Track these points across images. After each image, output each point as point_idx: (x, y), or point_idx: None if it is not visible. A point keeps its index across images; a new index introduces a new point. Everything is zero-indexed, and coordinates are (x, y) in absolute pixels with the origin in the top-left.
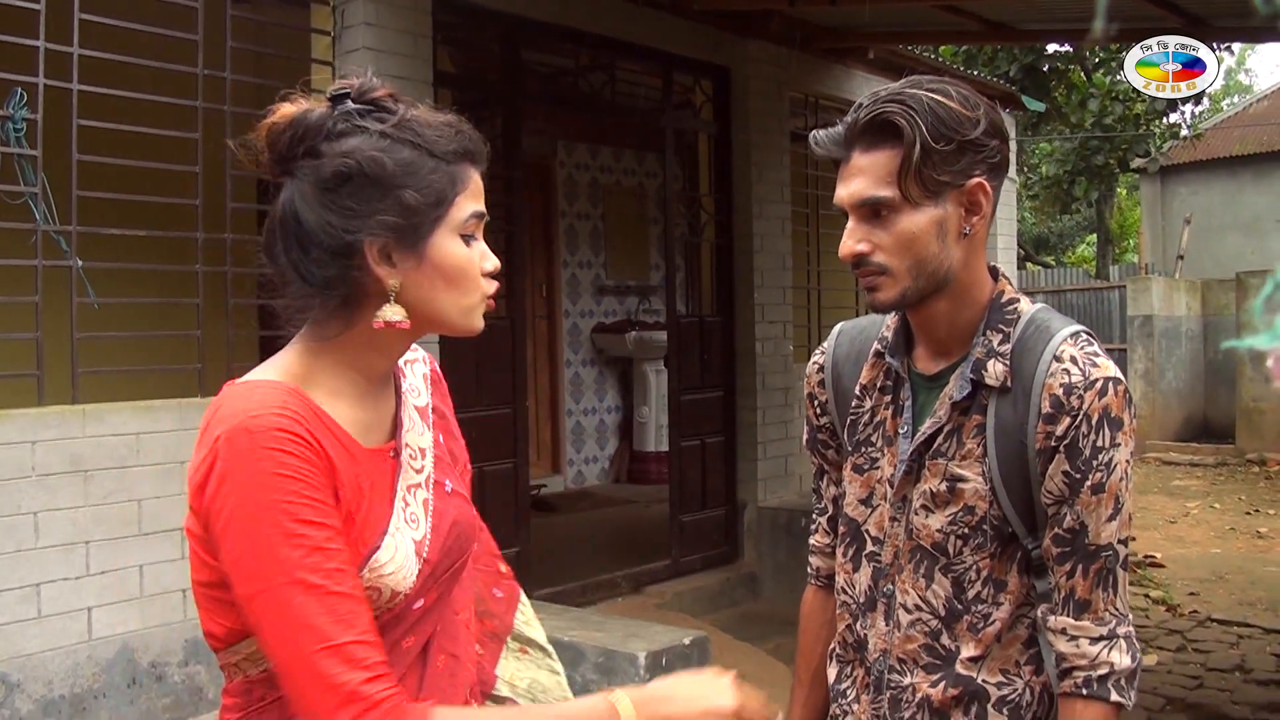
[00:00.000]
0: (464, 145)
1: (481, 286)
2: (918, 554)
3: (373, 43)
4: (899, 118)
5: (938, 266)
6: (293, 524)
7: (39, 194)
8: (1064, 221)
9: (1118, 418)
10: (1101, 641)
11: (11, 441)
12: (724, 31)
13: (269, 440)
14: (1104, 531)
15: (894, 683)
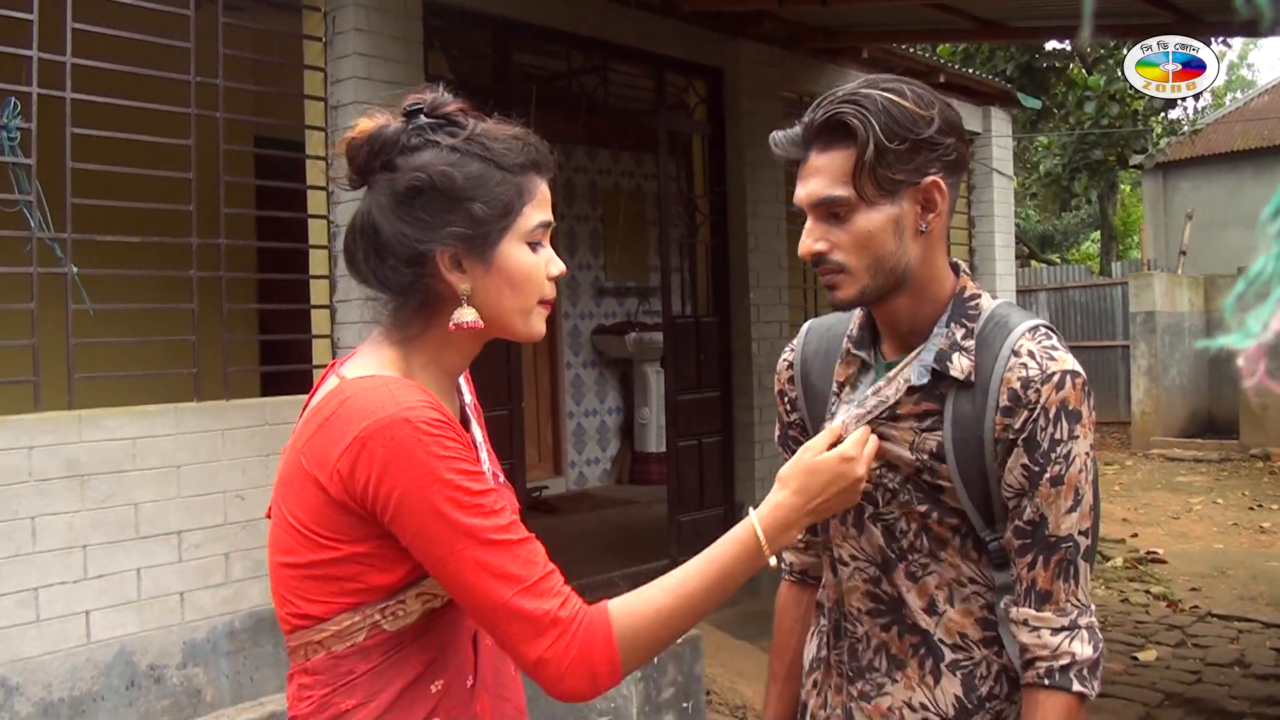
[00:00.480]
0: (531, 157)
1: (544, 292)
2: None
3: (364, 48)
4: (852, 118)
5: (895, 264)
6: (465, 496)
7: (33, 202)
8: (1068, 219)
9: (1076, 410)
10: (1063, 632)
11: (8, 447)
12: (715, 32)
13: (428, 428)
14: (1064, 523)
15: (849, 630)
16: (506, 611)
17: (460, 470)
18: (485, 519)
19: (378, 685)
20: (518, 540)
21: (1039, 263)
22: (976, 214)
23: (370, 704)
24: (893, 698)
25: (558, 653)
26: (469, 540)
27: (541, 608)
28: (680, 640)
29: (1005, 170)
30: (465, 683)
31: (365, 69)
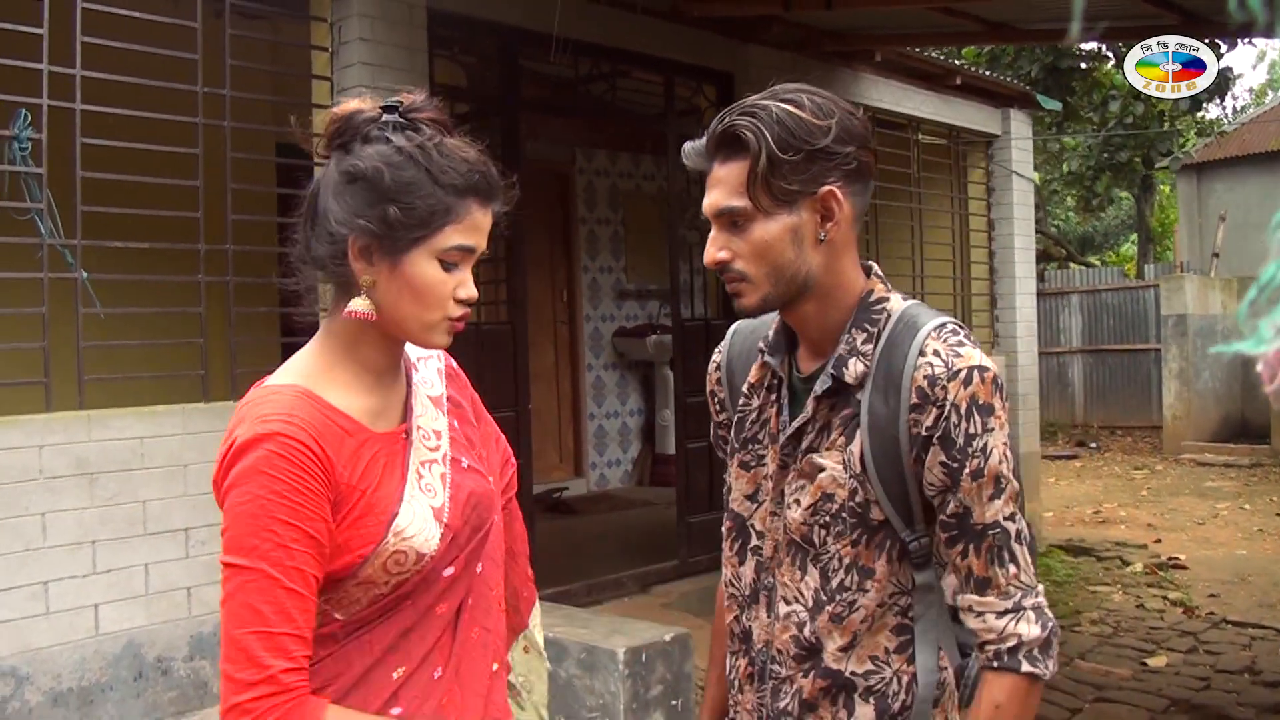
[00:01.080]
0: (472, 182)
1: (446, 309)
2: (793, 548)
3: (369, 58)
4: (746, 130)
5: (795, 272)
6: (267, 519)
7: (44, 210)
8: (1107, 220)
9: (987, 404)
10: (1008, 615)
11: (19, 446)
12: (725, 37)
13: (270, 444)
14: (987, 511)
15: (774, 673)
16: (234, 645)
17: (276, 494)
18: (272, 550)
19: (336, 669)
20: (288, 588)
21: (1077, 265)
22: (996, 216)
23: (329, 687)
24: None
25: (256, 709)
26: (246, 560)
27: (266, 659)
28: (669, 638)
29: (1025, 172)
30: (432, 673)
31: (370, 78)
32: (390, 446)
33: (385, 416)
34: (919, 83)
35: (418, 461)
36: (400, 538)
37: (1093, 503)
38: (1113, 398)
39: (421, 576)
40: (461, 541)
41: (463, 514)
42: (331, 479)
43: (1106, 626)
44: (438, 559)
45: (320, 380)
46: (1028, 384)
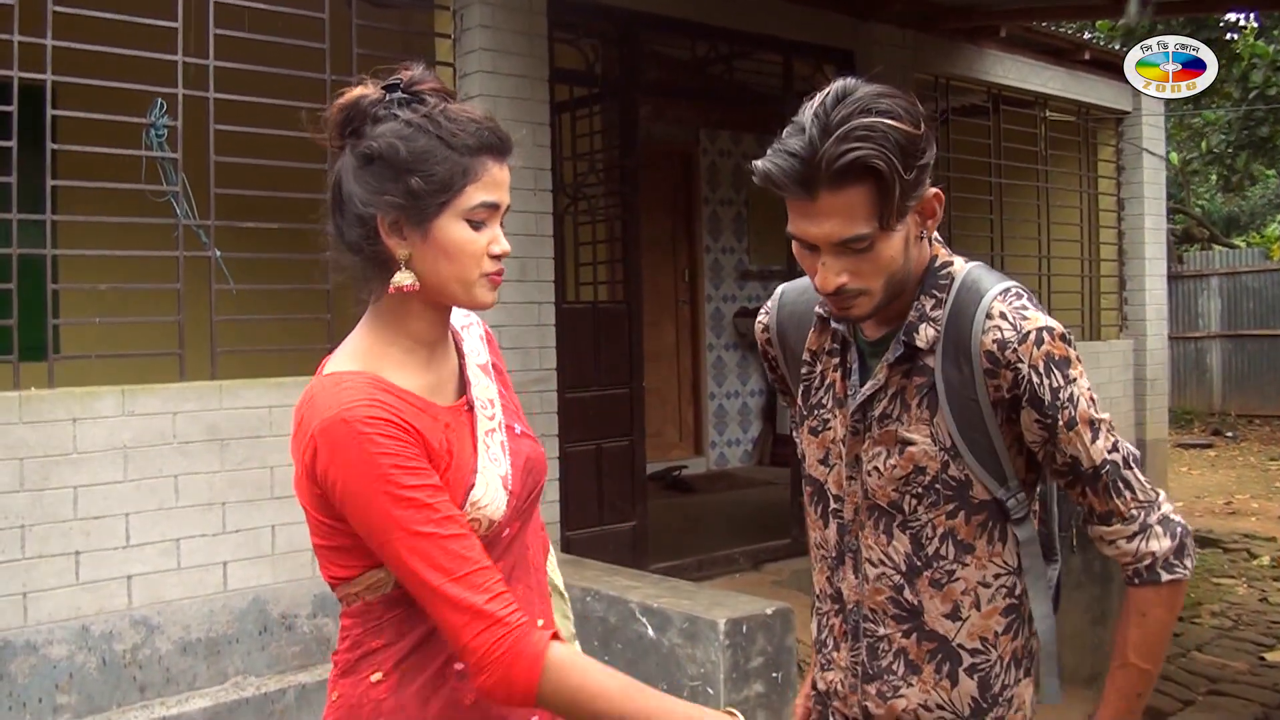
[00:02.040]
0: (484, 140)
1: (483, 266)
2: (875, 512)
3: (489, 44)
4: (876, 160)
5: (905, 275)
6: (398, 490)
7: (180, 192)
8: (1254, 199)
9: (1063, 358)
10: (1137, 536)
11: (155, 412)
12: (845, 15)
13: (363, 426)
14: (1094, 453)
15: (869, 631)
16: (435, 597)
17: (394, 465)
18: (416, 511)
19: (404, 629)
20: (448, 535)
21: (1220, 246)
22: (1126, 195)
23: (397, 644)
24: (908, 700)
25: (481, 644)
26: (400, 531)
27: (468, 599)
28: (770, 611)
29: (1156, 150)
30: None
31: (490, 63)
32: (457, 419)
33: (444, 390)
34: (1047, 58)
35: (483, 431)
36: (476, 507)
37: (1224, 493)
38: (1252, 385)
39: (487, 540)
40: (521, 506)
41: (522, 480)
42: (427, 445)
43: (1227, 619)
44: (503, 523)
45: (378, 363)
46: (1156, 369)
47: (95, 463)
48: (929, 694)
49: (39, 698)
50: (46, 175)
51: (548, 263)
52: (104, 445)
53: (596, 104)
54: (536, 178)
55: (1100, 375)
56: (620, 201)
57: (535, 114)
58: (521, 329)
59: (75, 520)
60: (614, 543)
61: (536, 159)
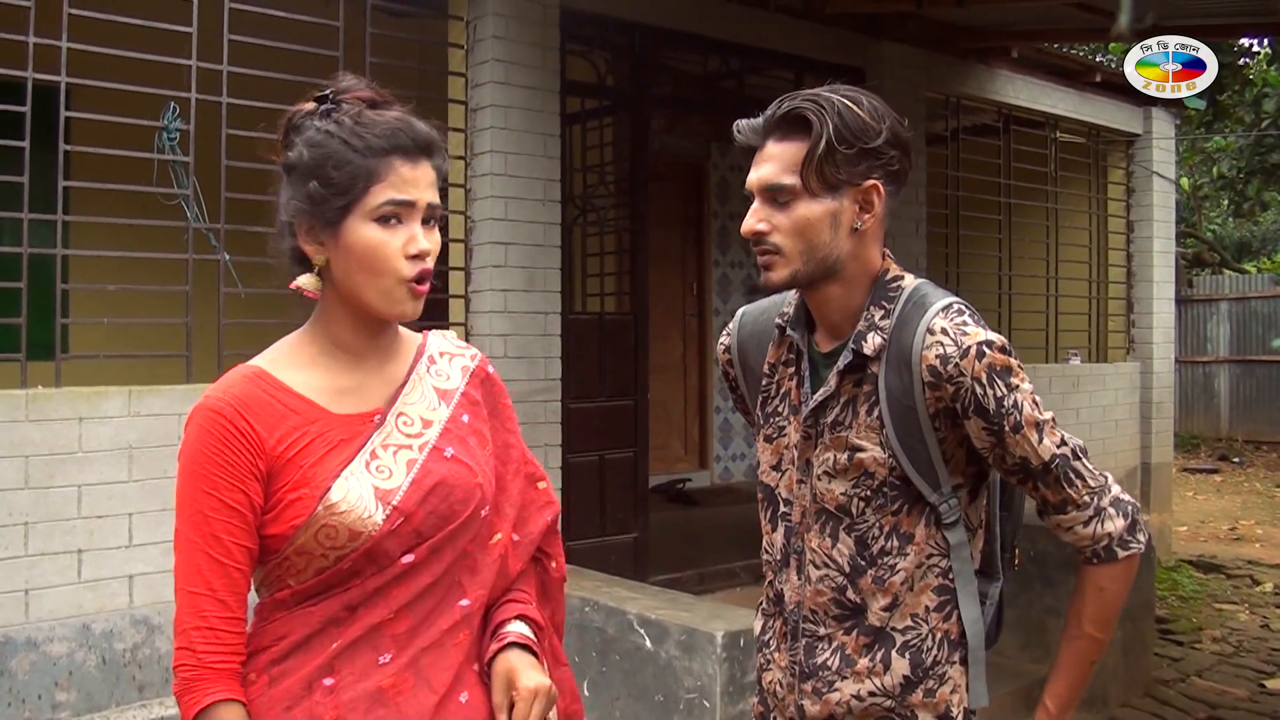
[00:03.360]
0: (392, 140)
1: (398, 270)
2: (822, 515)
3: (502, 55)
4: (811, 114)
5: (827, 254)
6: (191, 489)
7: (191, 196)
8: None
9: (1004, 368)
10: (1092, 521)
11: (161, 413)
12: (858, 34)
13: (199, 419)
14: (1042, 451)
15: (809, 631)
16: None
17: (203, 467)
18: (191, 519)
19: (280, 632)
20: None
21: (1230, 271)
22: (1135, 218)
23: (271, 648)
24: (841, 693)
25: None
26: (179, 525)
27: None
28: None
29: (1166, 174)
30: (377, 656)
31: (503, 74)
32: (348, 427)
33: (358, 397)
34: (1057, 80)
35: (378, 443)
36: (331, 512)
37: (1229, 519)
38: (1260, 411)
39: (365, 555)
40: (423, 530)
41: (423, 500)
42: (260, 450)
43: (1228, 645)
44: (381, 539)
45: (285, 360)
46: (1162, 392)
47: (100, 462)
48: (862, 684)
49: (38, 694)
50: (58, 176)
51: (555, 273)
52: (109, 445)
53: (607, 116)
54: (546, 188)
55: (1106, 398)
56: (629, 213)
57: (546, 125)
58: (527, 338)
59: (79, 519)
60: (615, 554)
61: (546, 170)
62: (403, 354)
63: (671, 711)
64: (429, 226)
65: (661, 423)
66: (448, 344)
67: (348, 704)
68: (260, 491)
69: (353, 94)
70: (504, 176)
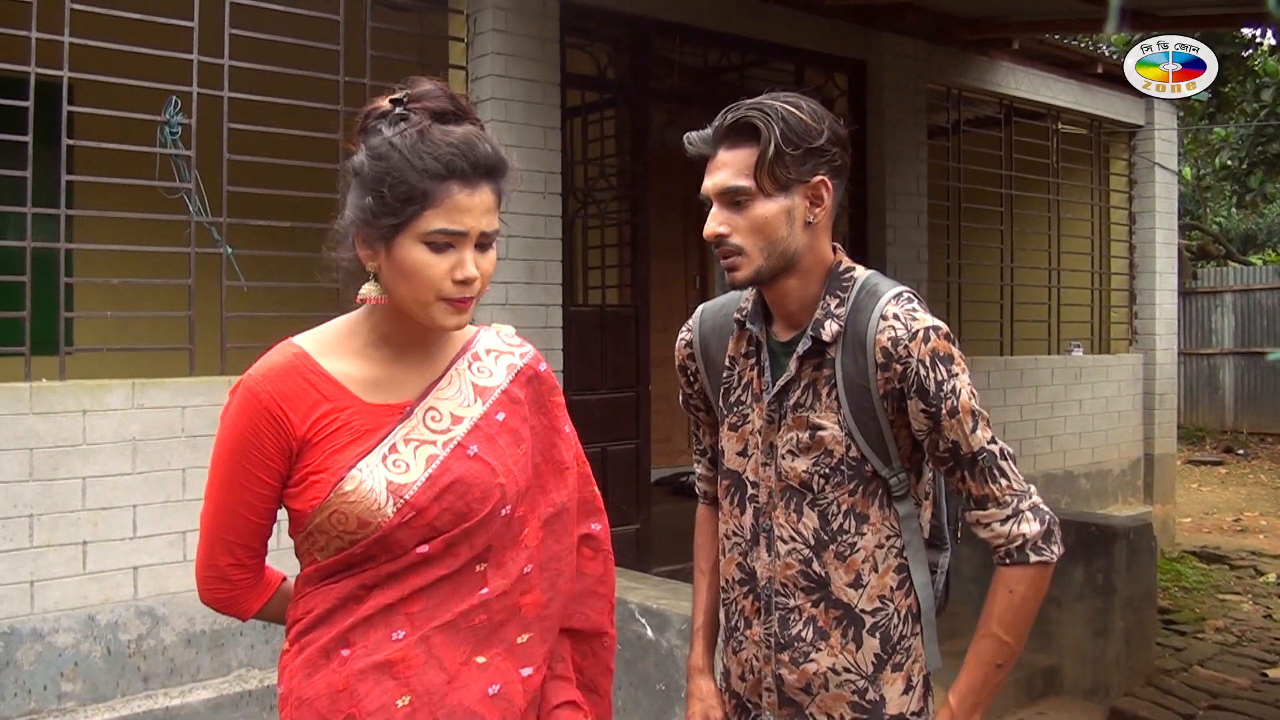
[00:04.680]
0: (450, 165)
1: (439, 290)
2: (787, 493)
3: (502, 48)
4: (758, 121)
5: (786, 248)
6: (218, 457)
7: (193, 189)
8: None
9: (946, 354)
10: (1010, 520)
11: (164, 406)
12: (858, 26)
13: (239, 397)
14: (972, 441)
15: (781, 604)
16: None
17: (229, 443)
18: (215, 483)
19: (310, 604)
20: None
21: (1235, 263)
22: (1137, 209)
23: (302, 620)
24: (818, 664)
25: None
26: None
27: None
28: None
29: (1169, 165)
30: (391, 632)
31: (503, 67)
32: (376, 418)
33: (392, 389)
34: (1059, 71)
35: (400, 436)
36: (343, 500)
37: (1234, 511)
38: (1265, 403)
39: (377, 543)
40: (437, 524)
41: (438, 497)
42: (290, 434)
43: (1230, 635)
44: (391, 531)
45: (330, 347)
46: (1165, 384)
47: (104, 454)
48: (836, 658)
49: (44, 685)
50: (61, 170)
51: (556, 265)
52: (113, 437)
53: (608, 109)
54: (546, 181)
55: (1109, 389)
56: (630, 206)
57: (546, 118)
58: (528, 331)
59: (83, 511)
60: (618, 545)
61: (547, 163)
62: (447, 349)
63: (673, 700)
64: (482, 250)
65: (664, 416)
66: (498, 341)
67: (358, 674)
68: (288, 466)
69: (423, 104)
70: None
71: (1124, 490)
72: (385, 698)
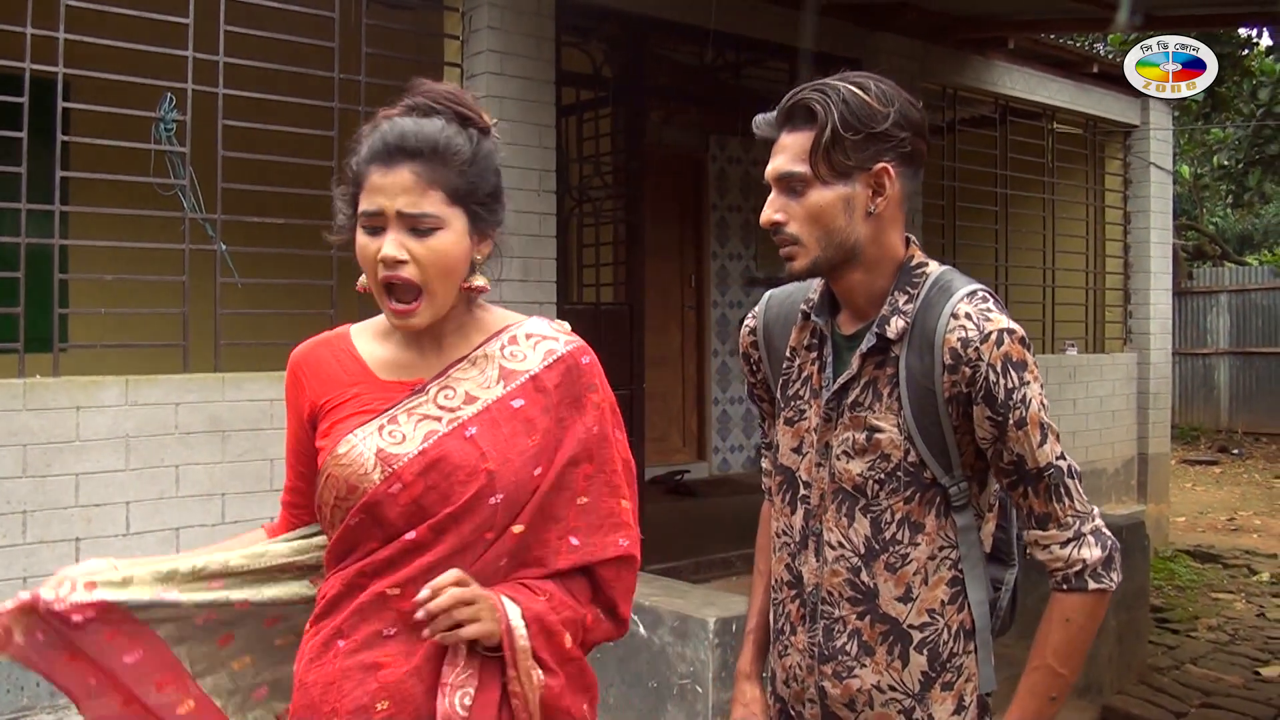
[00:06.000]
0: (372, 147)
1: (375, 273)
2: (840, 495)
3: (497, 46)
4: (816, 104)
5: (844, 239)
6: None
7: (187, 186)
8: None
9: (1020, 360)
10: (1070, 543)
11: (158, 403)
12: (855, 25)
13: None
14: (1039, 456)
15: (826, 613)
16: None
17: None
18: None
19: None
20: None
21: (1231, 263)
22: (1132, 209)
23: (319, 603)
24: (862, 680)
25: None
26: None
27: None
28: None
29: (1164, 164)
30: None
31: (498, 65)
32: (386, 394)
33: (408, 369)
34: (1054, 70)
35: (403, 410)
36: (336, 463)
37: (1228, 510)
38: (1260, 402)
39: (366, 513)
40: (424, 504)
41: (423, 472)
42: (305, 397)
43: (1224, 634)
44: (379, 500)
45: (369, 329)
46: (1159, 383)
47: (98, 451)
48: (881, 675)
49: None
50: (56, 166)
51: (550, 264)
52: (107, 434)
53: (603, 107)
54: (541, 179)
55: (1104, 388)
56: (625, 205)
57: (541, 116)
58: None
59: (76, 507)
60: None
61: (541, 161)
62: (472, 335)
63: (665, 697)
64: (420, 235)
65: (660, 415)
66: (545, 327)
67: (344, 671)
68: (309, 429)
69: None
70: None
71: (1118, 489)
72: (366, 699)
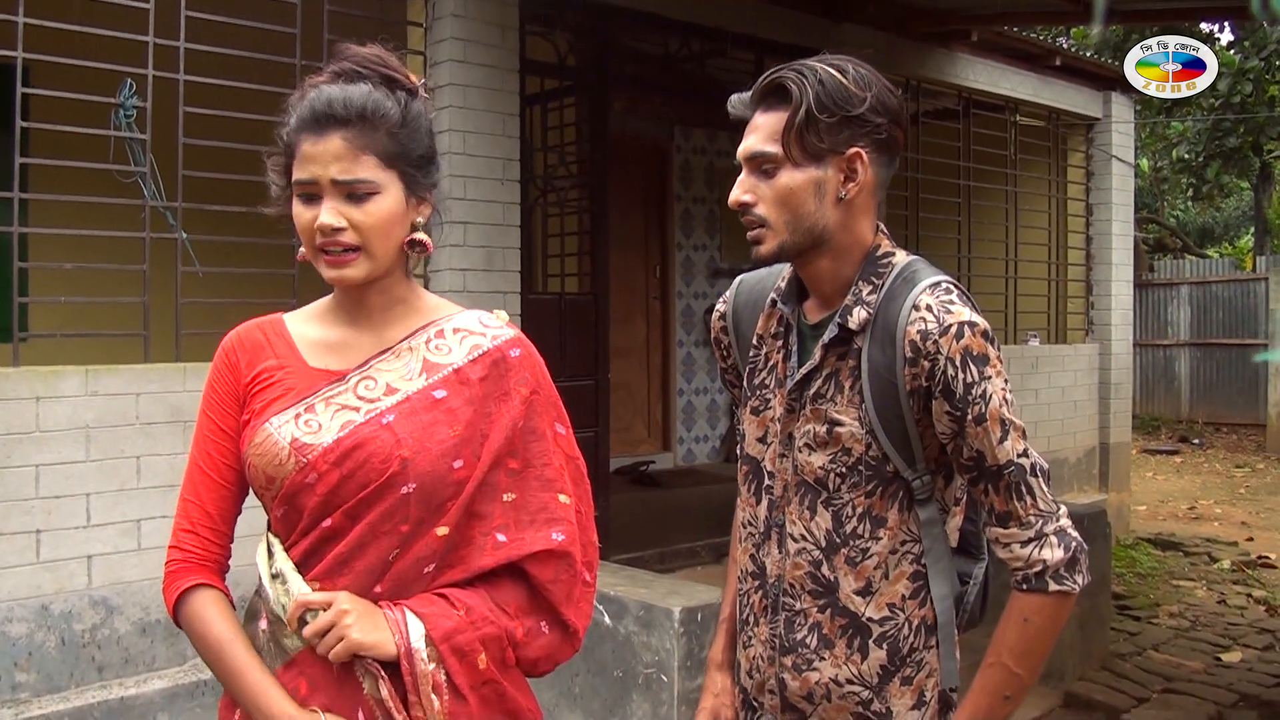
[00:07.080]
0: (301, 117)
1: (313, 242)
2: (802, 488)
3: (461, 33)
4: (791, 83)
5: (813, 224)
6: (201, 412)
7: (148, 173)
8: (1228, 210)
9: (981, 354)
10: (1031, 543)
11: (119, 393)
12: (818, 17)
13: (216, 351)
14: (999, 453)
15: (787, 605)
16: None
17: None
18: (194, 441)
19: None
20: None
21: (1192, 256)
22: (1094, 201)
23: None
24: (820, 673)
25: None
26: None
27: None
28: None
29: (1125, 157)
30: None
31: (461, 53)
32: (311, 380)
33: (342, 355)
34: (1018, 63)
35: (320, 399)
36: (253, 450)
37: (1189, 499)
38: (1219, 393)
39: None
40: (341, 493)
41: (338, 462)
42: (239, 379)
43: (1185, 620)
44: (297, 490)
45: (307, 312)
46: (1121, 374)
47: (58, 442)
48: (840, 668)
49: None
50: (15, 153)
51: (514, 253)
52: (67, 425)
53: (568, 96)
54: (505, 168)
55: (1065, 379)
56: (589, 194)
57: (505, 105)
58: None
59: (37, 499)
60: None
61: (505, 150)
62: (405, 321)
63: (630, 687)
64: (356, 201)
65: (625, 405)
66: (473, 322)
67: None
68: (239, 417)
69: (333, 66)
70: (462, 155)
71: (1079, 479)
72: (299, 695)
